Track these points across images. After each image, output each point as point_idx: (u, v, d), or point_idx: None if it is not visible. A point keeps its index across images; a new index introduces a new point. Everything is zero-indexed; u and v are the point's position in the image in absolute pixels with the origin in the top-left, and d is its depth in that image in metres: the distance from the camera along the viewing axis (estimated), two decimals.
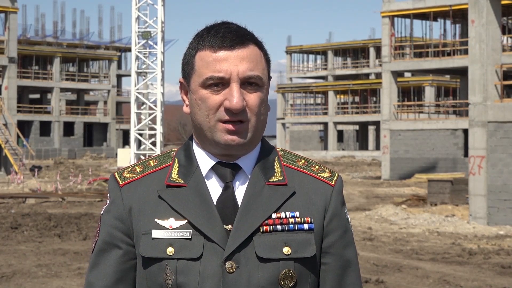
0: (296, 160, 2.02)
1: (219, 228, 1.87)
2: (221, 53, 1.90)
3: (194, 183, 1.93)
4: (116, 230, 1.94)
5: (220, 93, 1.89)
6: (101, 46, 77.87)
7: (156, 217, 1.91)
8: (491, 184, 18.36)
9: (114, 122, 71.71)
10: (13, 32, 40.76)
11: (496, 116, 18.39)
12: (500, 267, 12.51)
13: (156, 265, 1.88)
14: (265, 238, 1.88)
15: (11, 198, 23.37)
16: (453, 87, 60.42)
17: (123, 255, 1.94)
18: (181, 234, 1.88)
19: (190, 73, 1.94)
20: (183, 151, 1.99)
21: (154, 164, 2.00)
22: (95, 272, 1.96)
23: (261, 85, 1.92)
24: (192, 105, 1.94)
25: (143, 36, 27.79)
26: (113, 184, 1.98)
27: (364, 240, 15.73)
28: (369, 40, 75.36)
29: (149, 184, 1.95)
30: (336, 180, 2.00)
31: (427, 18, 44.40)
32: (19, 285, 10.72)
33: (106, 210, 1.98)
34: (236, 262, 1.86)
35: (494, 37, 18.74)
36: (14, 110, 40.90)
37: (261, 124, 1.93)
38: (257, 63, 1.92)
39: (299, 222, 1.91)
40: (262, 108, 1.93)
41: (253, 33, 1.97)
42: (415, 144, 40.94)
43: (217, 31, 1.92)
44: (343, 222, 2.00)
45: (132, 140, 28.23)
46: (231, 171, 1.93)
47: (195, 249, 1.87)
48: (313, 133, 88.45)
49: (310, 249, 1.91)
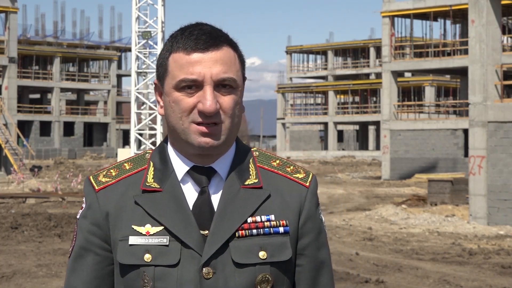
0: (270, 161, 2.01)
1: (195, 234, 1.87)
2: (195, 56, 1.88)
3: (170, 187, 1.92)
4: (93, 236, 1.94)
5: (193, 95, 1.88)
6: (101, 46, 77.91)
7: (132, 223, 1.90)
8: (491, 184, 18.35)
9: (114, 122, 71.71)
10: (13, 32, 40.76)
11: (496, 116, 18.39)
12: (500, 267, 12.51)
13: (133, 272, 1.88)
14: (241, 243, 1.88)
15: (11, 198, 23.37)
16: (453, 87, 60.42)
17: (100, 261, 1.94)
18: (158, 241, 1.87)
19: (164, 75, 1.93)
20: (158, 154, 1.98)
21: (129, 168, 1.98)
22: (74, 278, 1.96)
23: (235, 87, 1.91)
24: (166, 107, 1.93)
25: (143, 36, 27.77)
26: (88, 189, 1.97)
27: (364, 240, 15.73)
28: (369, 40, 75.36)
29: (125, 188, 1.94)
30: (311, 181, 1.99)
31: (427, 18, 44.40)
32: (19, 285, 10.72)
33: (83, 215, 1.96)
34: (213, 268, 1.86)
35: (494, 37, 18.74)
36: (14, 110, 40.90)
37: (235, 126, 1.92)
38: (231, 65, 1.90)
39: (275, 225, 1.91)
40: (236, 110, 1.92)
41: (228, 34, 1.95)
42: (415, 144, 40.94)
43: (191, 33, 1.91)
44: (318, 224, 1.99)
45: (132, 140, 28.23)
46: (206, 175, 1.93)
47: (172, 255, 1.87)
48: (313, 133, 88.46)
49: (286, 252, 1.91)
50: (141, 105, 28.71)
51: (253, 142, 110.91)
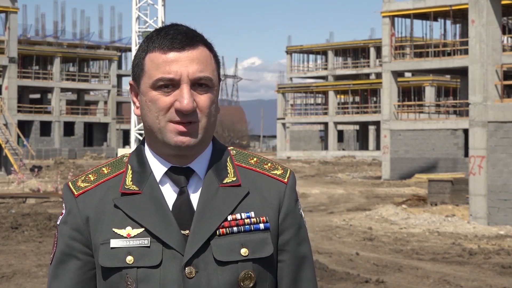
0: (248, 159, 2.02)
1: (176, 234, 1.88)
2: (171, 55, 1.90)
3: (149, 189, 1.92)
4: (74, 241, 1.94)
5: (170, 94, 1.89)
6: (101, 46, 77.93)
7: (113, 226, 1.90)
8: (491, 184, 18.35)
9: (114, 122, 71.72)
10: (14, 32, 40.77)
11: (496, 116, 18.39)
12: (500, 267, 12.51)
13: (116, 274, 1.89)
14: (222, 241, 1.89)
15: (11, 198, 23.38)
16: (453, 87, 60.41)
17: (82, 266, 1.94)
18: (139, 242, 1.88)
19: (140, 75, 1.94)
20: (136, 157, 1.99)
21: (107, 172, 1.99)
22: (56, 284, 1.96)
23: (211, 86, 1.93)
24: (143, 107, 1.94)
25: (143, 36, 27.77)
26: (67, 194, 1.97)
27: (364, 240, 15.73)
28: (370, 40, 75.36)
29: (104, 192, 1.95)
30: (289, 177, 2.01)
31: (427, 18, 44.40)
32: (19, 285, 10.72)
33: (63, 221, 1.96)
34: (195, 267, 1.87)
35: (494, 37, 18.74)
36: (14, 110, 40.90)
37: (211, 125, 1.93)
38: (207, 64, 1.92)
39: (255, 222, 1.92)
40: (213, 109, 1.93)
41: (203, 35, 1.97)
42: (415, 144, 40.94)
43: (167, 32, 1.92)
44: (297, 219, 2.00)
45: (132, 140, 28.22)
46: (184, 175, 1.94)
47: (154, 256, 1.87)
48: (313, 133, 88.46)
49: (267, 248, 1.92)
50: None
51: (253, 142, 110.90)
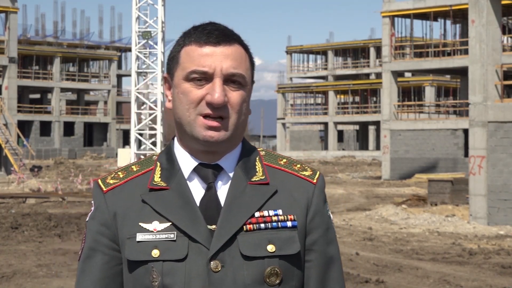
0: (277, 160, 2.03)
1: (203, 228, 1.88)
2: (206, 48, 1.91)
3: (177, 185, 1.93)
4: (101, 236, 1.95)
5: (202, 87, 1.90)
6: (101, 46, 77.90)
7: (140, 221, 1.91)
8: (491, 184, 18.35)
9: (114, 122, 71.72)
10: (13, 32, 40.76)
11: (496, 116, 18.39)
12: (500, 267, 12.51)
13: (142, 267, 1.89)
14: (249, 237, 1.89)
15: (11, 198, 23.38)
16: (453, 87, 60.42)
17: (109, 261, 1.95)
18: (165, 236, 1.89)
19: (175, 68, 1.96)
20: (165, 155, 2.00)
21: (136, 169, 2.00)
22: (83, 279, 1.97)
23: (244, 85, 1.93)
24: (174, 99, 1.95)
25: (143, 36, 27.78)
26: (96, 191, 1.99)
27: (364, 240, 15.73)
28: (369, 40, 75.36)
29: (132, 189, 1.96)
30: (318, 178, 2.01)
31: (427, 18, 44.39)
32: (19, 285, 10.72)
33: (91, 216, 1.98)
34: (221, 261, 1.86)
35: (494, 37, 18.74)
36: (14, 110, 40.90)
37: (241, 123, 1.94)
38: (241, 62, 1.93)
39: (282, 219, 1.92)
40: (244, 107, 1.94)
41: (240, 35, 1.98)
42: (415, 144, 40.94)
43: (204, 28, 1.95)
44: (325, 220, 2.00)
45: (132, 140, 28.23)
46: (212, 171, 1.94)
47: (180, 250, 1.88)
48: (313, 133, 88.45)
49: (294, 246, 1.92)
50: (141, 105, 28.72)
51: (253, 142, 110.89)
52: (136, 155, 28.35)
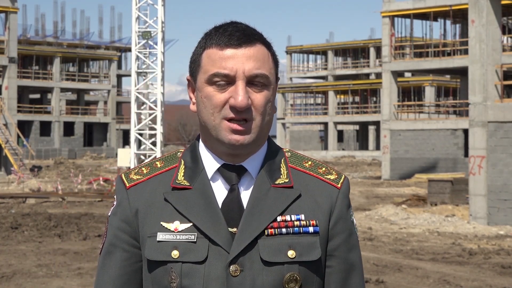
0: (302, 162, 2.01)
1: (224, 231, 1.87)
2: (228, 51, 1.89)
3: (200, 185, 1.92)
4: (122, 233, 1.94)
5: (225, 90, 1.88)
6: (101, 46, 77.89)
7: (161, 219, 1.90)
8: (491, 184, 18.35)
9: (114, 122, 71.71)
10: (13, 32, 40.76)
11: (496, 116, 18.39)
12: (500, 267, 12.51)
13: (161, 268, 1.88)
14: (270, 241, 1.87)
15: (11, 198, 23.38)
16: (453, 87, 60.41)
17: (128, 257, 1.94)
18: (186, 237, 1.87)
19: (197, 71, 1.94)
20: (190, 153, 1.99)
21: (160, 166, 1.99)
22: (102, 274, 1.96)
23: (268, 85, 1.92)
24: (198, 103, 1.94)
25: (143, 36, 27.77)
26: (119, 186, 1.98)
27: (364, 240, 15.73)
28: (369, 40, 75.35)
29: (156, 186, 1.95)
30: (343, 182, 1.98)
31: (427, 18, 44.39)
32: (19, 285, 10.72)
33: (113, 212, 1.97)
34: (240, 266, 1.85)
35: (494, 37, 18.74)
36: (14, 110, 40.90)
37: (266, 124, 1.92)
38: (264, 62, 1.91)
39: (304, 225, 1.90)
40: (268, 107, 1.92)
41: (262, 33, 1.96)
42: (415, 144, 40.94)
43: (225, 29, 1.92)
44: (348, 225, 1.97)
45: (132, 140, 28.22)
46: (236, 173, 1.93)
47: (200, 252, 1.86)
48: (313, 133, 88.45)
49: (315, 252, 1.90)
50: (141, 105, 28.71)
51: None
52: (136, 155, 28.34)
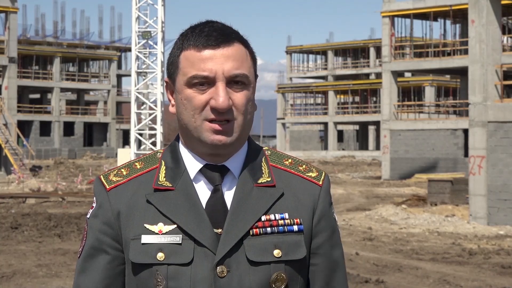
0: (283, 160, 2.00)
1: (209, 232, 1.86)
2: (206, 52, 1.87)
3: (183, 186, 1.90)
4: (104, 235, 1.92)
5: (205, 92, 1.87)
6: (101, 46, 77.88)
7: (145, 222, 1.88)
8: (491, 184, 18.35)
9: (114, 122, 71.69)
10: (13, 32, 40.76)
11: (496, 116, 18.39)
12: (500, 267, 12.51)
13: (146, 270, 1.87)
14: (255, 241, 1.87)
15: (11, 198, 23.38)
16: (453, 87, 60.41)
17: (111, 260, 1.92)
18: (171, 239, 1.86)
19: (175, 73, 1.92)
20: (170, 153, 1.96)
21: (140, 167, 1.96)
22: (83, 278, 1.93)
23: (248, 84, 1.90)
24: (178, 105, 1.92)
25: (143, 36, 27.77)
26: (99, 188, 1.95)
27: (364, 240, 15.73)
28: (369, 40, 75.34)
29: (137, 187, 1.92)
30: (324, 179, 1.98)
31: (427, 18, 44.39)
32: (19, 285, 10.72)
33: (93, 214, 1.94)
34: (227, 267, 1.84)
35: (494, 37, 18.74)
36: (14, 110, 40.89)
37: (247, 123, 1.91)
38: (242, 61, 1.89)
39: (289, 223, 1.90)
40: (249, 106, 1.91)
41: (238, 31, 1.94)
42: (415, 144, 40.93)
43: (202, 30, 1.90)
44: (331, 223, 1.98)
45: (132, 140, 28.22)
46: (219, 173, 1.92)
47: (185, 254, 1.85)
48: (313, 133, 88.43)
49: (301, 250, 1.90)
50: (141, 105, 28.70)
51: None
52: (136, 155, 28.35)
